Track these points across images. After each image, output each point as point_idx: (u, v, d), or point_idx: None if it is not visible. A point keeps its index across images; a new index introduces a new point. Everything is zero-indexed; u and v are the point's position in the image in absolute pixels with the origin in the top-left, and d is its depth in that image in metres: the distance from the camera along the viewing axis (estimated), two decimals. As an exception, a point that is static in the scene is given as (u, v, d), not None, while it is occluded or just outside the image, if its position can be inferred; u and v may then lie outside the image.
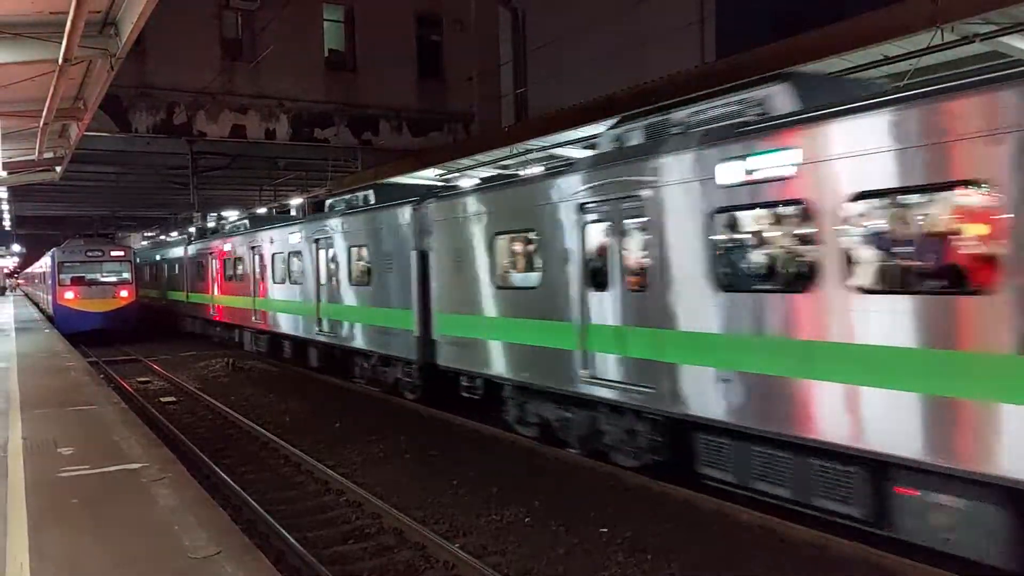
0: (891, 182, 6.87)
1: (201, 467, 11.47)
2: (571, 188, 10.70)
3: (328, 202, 20.38)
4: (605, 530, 8.53)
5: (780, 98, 8.54)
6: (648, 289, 9.43)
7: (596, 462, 10.70)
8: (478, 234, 12.77)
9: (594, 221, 10.42)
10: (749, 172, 8.06)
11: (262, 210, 32.04)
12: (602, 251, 10.34)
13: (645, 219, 9.45)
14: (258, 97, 22.74)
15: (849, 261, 7.26)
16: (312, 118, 23.63)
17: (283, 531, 8.59)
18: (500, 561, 7.81)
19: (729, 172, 8.27)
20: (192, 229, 34.34)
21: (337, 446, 12.92)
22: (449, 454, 11.98)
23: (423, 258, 14.64)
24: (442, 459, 11.74)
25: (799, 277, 7.89)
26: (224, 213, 34.09)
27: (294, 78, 23.05)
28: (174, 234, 43.14)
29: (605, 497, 9.59)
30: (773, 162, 7.83)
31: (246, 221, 27.52)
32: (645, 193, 9.34)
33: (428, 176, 20.11)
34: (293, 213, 29.78)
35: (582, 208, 10.48)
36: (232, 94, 22.15)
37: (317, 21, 24.18)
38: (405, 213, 15.26)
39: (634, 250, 9.87)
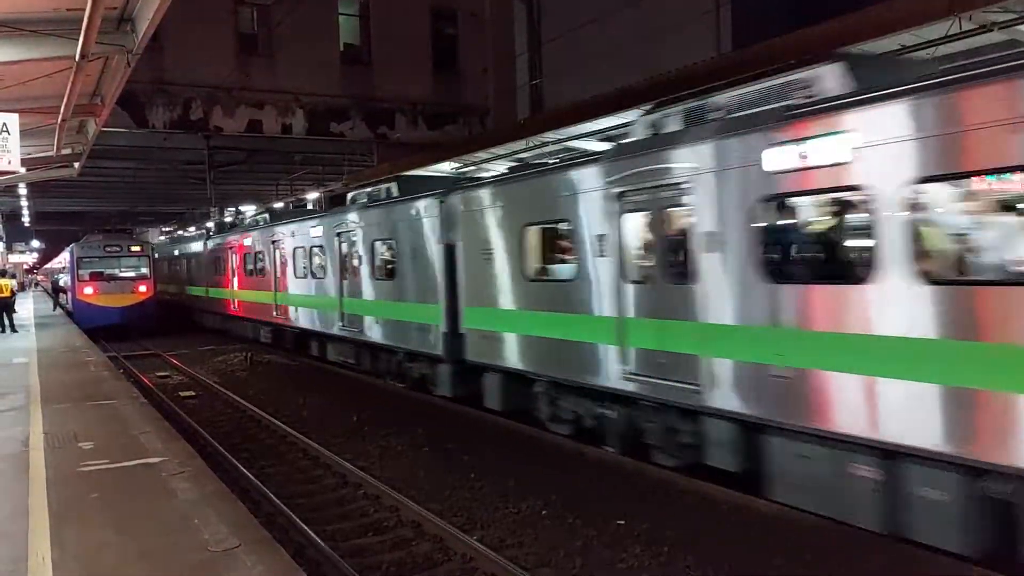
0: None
1: (220, 461, 11.53)
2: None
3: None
4: (622, 523, 8.52)
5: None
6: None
7: (615, 455, 10.67)
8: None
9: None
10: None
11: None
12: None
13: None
14: (274, 92, 22.80)
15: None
16: (328, 112, 23.67)
17: (302, 524, 8.64)
18: (518, 554, 7.82)
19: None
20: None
21: (355, 439, 12.96)
22: (467, 447, 11.98)
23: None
24: (460, 452, 11.75)
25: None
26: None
27: (310, 72, 23.08)
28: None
29: (622, 490, 9.57)
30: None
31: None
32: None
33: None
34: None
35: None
36: (248, 89, 22.22)
37: (332, 15, 24.20)
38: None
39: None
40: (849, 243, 8.01)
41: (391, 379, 17.20)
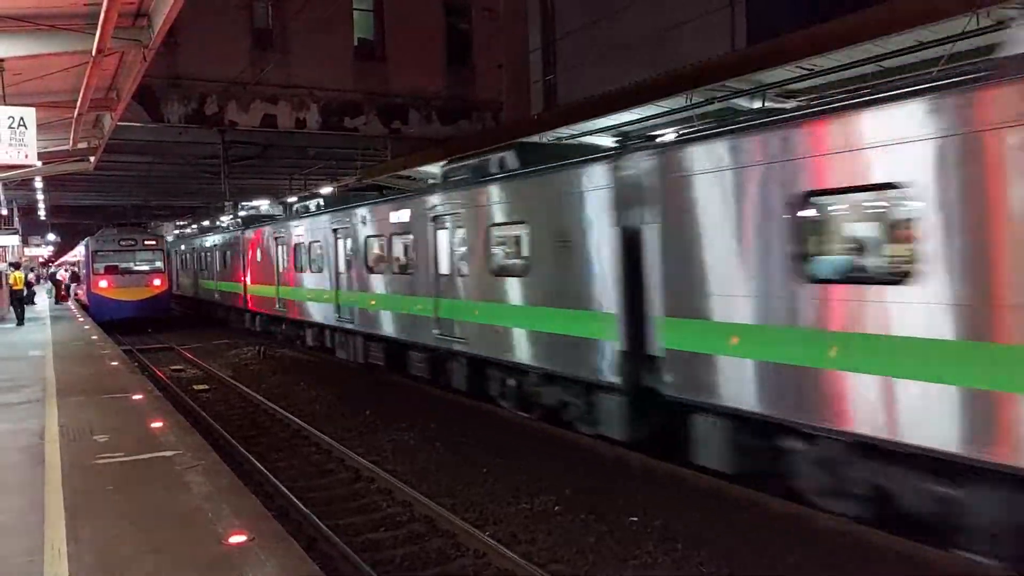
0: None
1: (234, 454, 11.59)
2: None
3: None
4: (635, 519, 8.51)
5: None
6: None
7: (626, 451, 10.66)
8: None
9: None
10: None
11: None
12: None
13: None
14: (288, 87, 22.85)
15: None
16: (342, 107, 23.70)
17: (315, 518, 8.67)
18: (530, 550, 7.82)
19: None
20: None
21: (367, 434, 13.00)
22: (479, 442, 12.00)
23: None
24: (472, 447, 11.76)
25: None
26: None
27: (324, 67, 23.12)
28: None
29: (636, 486, 9.56)
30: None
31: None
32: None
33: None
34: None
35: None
36: (263, 84, 22.26)
37: (346, 10, 24.22)
38: None
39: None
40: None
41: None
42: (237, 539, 6.16)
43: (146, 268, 32.24)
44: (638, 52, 17.97)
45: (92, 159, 21.11)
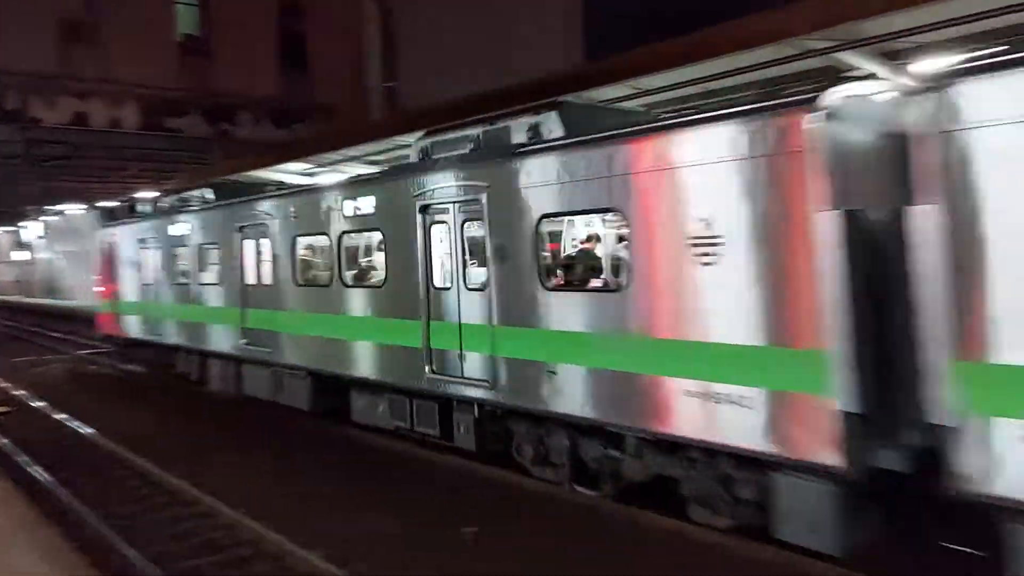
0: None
1: (34, 483, 10.57)
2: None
3: None
4: (475, 530, 8.36)
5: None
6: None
7: (480, 463, 10.52)
8: None
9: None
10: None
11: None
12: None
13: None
14: (103, 82, 21.45)
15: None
16: (164, 106, 22.50)
17: (125, 546, 7.97)
18: (363, 569, 7.50)
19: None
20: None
21: (189, 455, 12.21)
22: (310, 460, 11.61)
23: None
24: (302, 464, 11.35)
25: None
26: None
27: (144, 63, 21.90)
28: None
29: (479, 497, 9.43)
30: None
31: None
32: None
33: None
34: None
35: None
36: (73, 78, 20.79)
37: (169, 3, 23.09)
38: None
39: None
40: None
41: None
42: (33, 573, 5.55)
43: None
44: (481, 62, 18.03)
45: None
